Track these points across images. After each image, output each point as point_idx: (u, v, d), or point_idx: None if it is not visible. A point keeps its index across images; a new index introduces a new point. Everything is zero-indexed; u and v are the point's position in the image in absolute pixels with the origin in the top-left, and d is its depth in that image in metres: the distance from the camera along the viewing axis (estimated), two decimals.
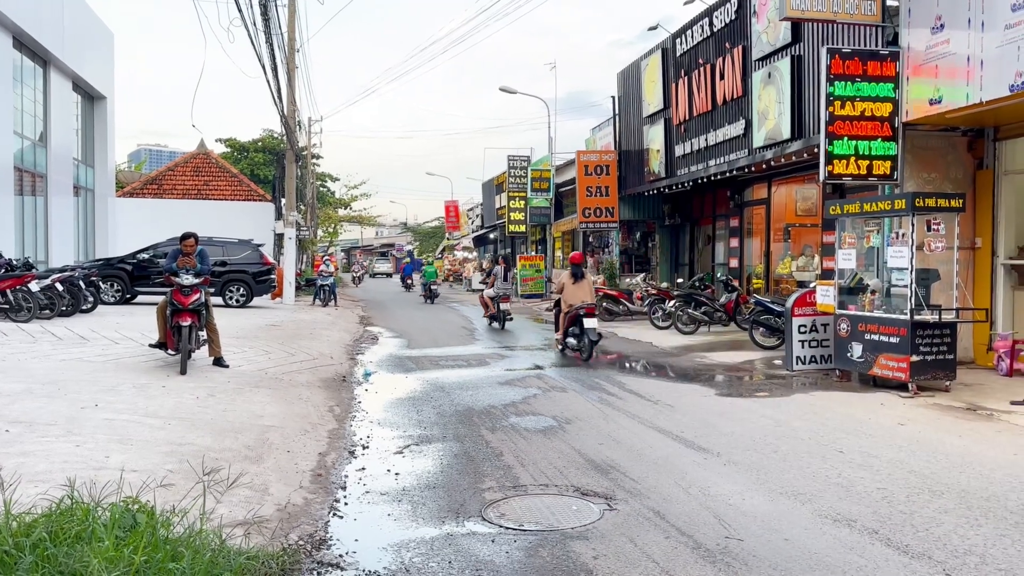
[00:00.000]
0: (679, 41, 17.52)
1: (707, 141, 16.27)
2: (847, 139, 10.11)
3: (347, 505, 5.06)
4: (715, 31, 15.84)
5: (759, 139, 14.17)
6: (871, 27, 10.62)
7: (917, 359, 8.58)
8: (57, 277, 13.87)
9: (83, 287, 14.61)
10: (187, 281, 9.02)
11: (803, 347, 10.34)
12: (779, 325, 12.14)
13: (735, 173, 15.70)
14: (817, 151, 10.66)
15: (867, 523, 4.62)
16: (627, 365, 11.76)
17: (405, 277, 40.24)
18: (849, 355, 9.48)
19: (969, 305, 9.79)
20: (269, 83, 19.35)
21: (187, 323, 8.87)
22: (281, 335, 13.45)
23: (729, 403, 8.50)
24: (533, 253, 30.14)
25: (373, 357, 12.64)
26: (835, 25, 11.46)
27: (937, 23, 9.39)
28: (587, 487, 5.38)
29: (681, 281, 18.72)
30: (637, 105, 20.32)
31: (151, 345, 9.72)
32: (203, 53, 19.07)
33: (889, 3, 10.27)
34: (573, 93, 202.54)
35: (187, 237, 9.49)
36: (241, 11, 16.14)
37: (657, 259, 22.13)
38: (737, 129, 15.02)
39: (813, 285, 10.81)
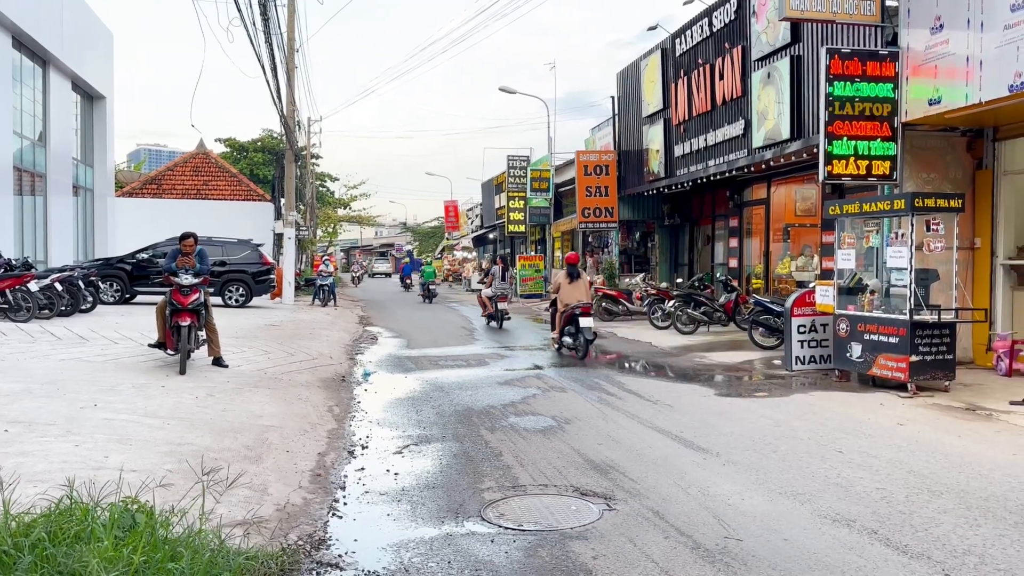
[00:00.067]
0: (678, 41, 17.52)
1: (706, 141, 16.28)
2: (846, 139, 10.11)
3: (346, 505, 5.06)
4: (714, 31, 15.84)
5: (758, 139, 14.18)
6: (870, 27, 10.63)
7: (916, 359, 8.59)
8: (56, 277, 13.87)
9: (82, 287, 14.60)
10: (186, 281, 9.02)
11: (802, 347, 10.36)
12: (778, 325, 12.15)
13: (734, 173, 15.71)
14: (816, 151, 10.67)
15: (866, 523, 4.62)
16: (626, 365, 11.76)
17: (404, 277, 40.43)
18: (848, 355, 9.49)
19: (968, 305, 9.79)
20: (268, 83, 19.36)
21: (186, 323, 8.87)
22: (280, 335, 13.45)
23: (728, 403, 8.50)
24: (532, 253, 30.16)
25: (372, 357, 12.64)
26: (834, 25, 11.47)
27: (936, 23, 9.39)
28: (586, 487, 5.38)
29: (680, 281, 18.73)
30: (636, 105, 20.32)
31: (150, 345, 9.72)
32: (202, 53, 19.02)
33: (888, 3, 10.27)
34: (573, 93, 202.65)
35: (186, 237, 9.50)
36: (240, 11, 16.12)
37: (656, 259, 22.14)
38: (736, 129, 15.03)
39: (812, 285, 10.82)
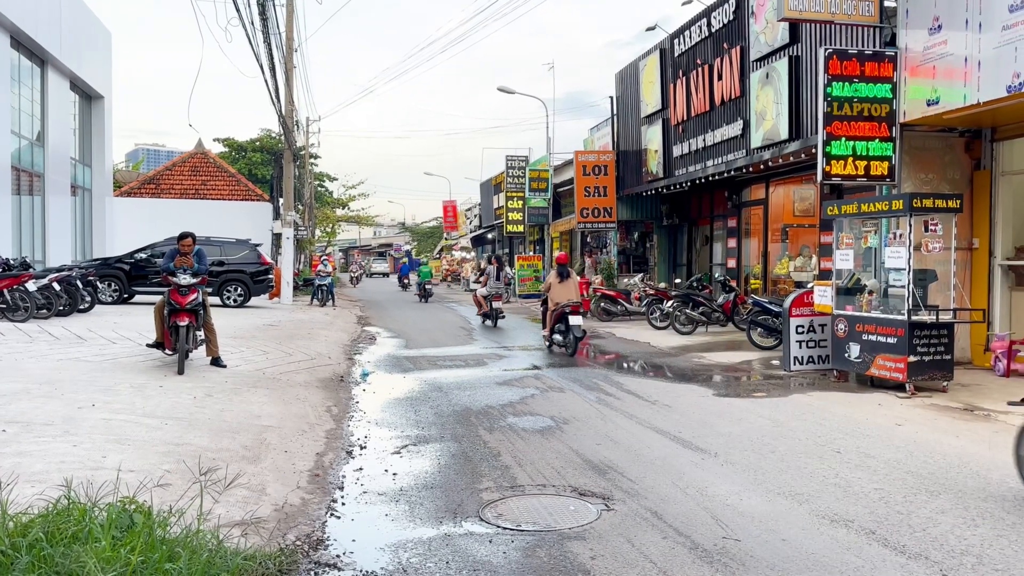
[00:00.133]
0: (677, 42, 17.53)
1: (705, 141, 16.28)
2: (845, 140, 10.12)
3: (344, 505, 5.05)
4: (713, 32, 15.85)
5: (757, 139, 14.19)
6: (869, 28, 10.64)
7: (914, 359, 8.59)
8: (54, 277, 13.85)
9: (80, 287, 14.59)
10: (184, 281, 9.01)
11: (800, 347, 10.36)
12: (777, 325, 12.16)
13: (733, 173, 15.72)
14: (815, 151, 10.67)
15: (864, 523, 4.62)
16: (625, 365, 11.77)
17: (402, 277, 40.55)
18: (847, 355, 9.49)
19: (966, 306, 9.81)
20: (267, 83, 19.36)
21: (184, 323, 8.86)
22: (279, 335, 13.44)
23: (727, 403, 8.50)
24: (531, 253, 30.15)
25: (371, 357, 12.63)
26: (833, 26, 11.48)
27: (935, 24, 9.40)
28: (585, 487, 5.38)
29: (679, 281, 18.74)
30: (635, 105, 20.33)
31: (148, 345, 9.71)
32: (200, 53, 19.00)
33: (887, 4, 10.28)
34: (571, 93, 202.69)
35: (184, 237, 9.49)
36: (239, 11, 16.12)
37: (655, 259, 22.14)
38: (735, 129, 15.04)
39: (811, 285, 10.83)
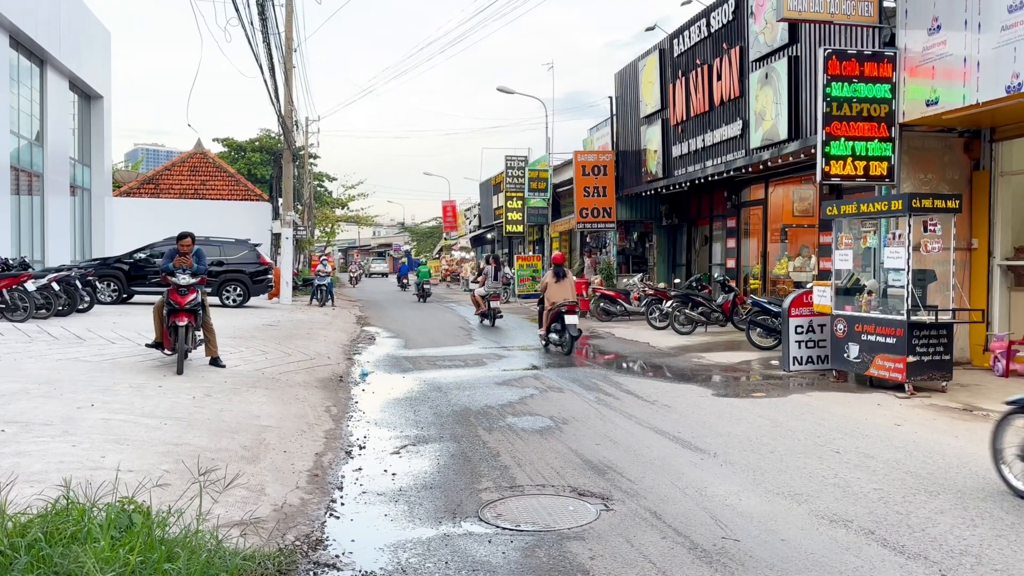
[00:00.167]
0: (676, 42, 17.53)
1: (704, 142, 16.29)
2: (844, 140, 10.12)
3: (344, 505, 5.05)
4: (712, 32, 15.86)
5: (756, 140, 14.19)
6: (868, 28, 10.64)
7: (914, 360, 8.59)
8: (53, 277, 13.85)
9: (79, 287, 14.59)
10: (184, 281, 9.01)
11: (800, 348, 10.37)
12: (776, 326, 12.16)
13: (732, 174, 15.72)
14: (814, 152, 10.68)
15: (864, 523, 4.62)
16: (624, 365, 11.77)
17: (401, 276, 40.64)
18: (846, 356, 9.50)
19: (965, 306, 9.81)
20: (266, 83, 19.36)
21: (184, 323, 8.85)
22: (278, 335, 13.43)
23: (726, 403, 8.51)
24: (531, 253, 30.16)
25: (370, 357, 12.63)
26: (832, 26, 11.49)
27: (934, 24, 9.40)
28: (584, 487, 5.38)
29: (678, 281, 18.74)
30: (634, 106, 20.33)
31: (148, 345, 9.71)
32: (199, 53, 19.02)
33: (886, 4, 10.28)
34: (571, 93, 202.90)
35: (184, 237, 9.49)
36: (238, 10, 16.12)
37: (654, 259, 22.14)
38: (734, 130, 15.04)
39: (810, 286, 10.83)
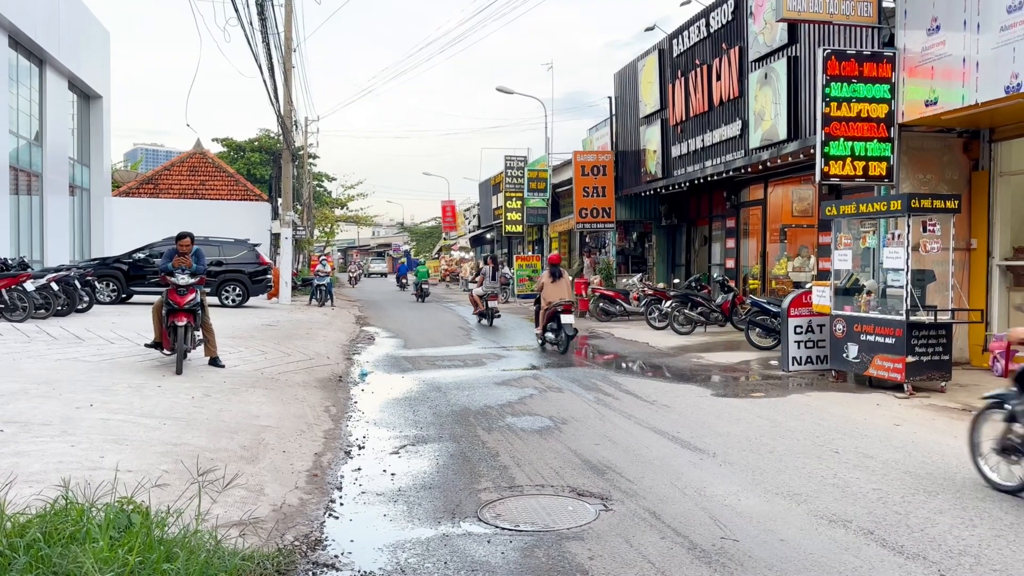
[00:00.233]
0: (676, 42, 17.53)
1: (703, 142, 16.29)
2: (843, 140, 10.12)
3: (343, 505, 5.05)
4: (712, 32, 15.86)
5: (755, 140, 14.19)
6: (867, 28, 10.64)
7: (913, 360, 8.60)
8: (53, 277, 13.84)
9: (79, 287, 14.58)
10: (183, 281, 9.01)
11: (799, 348, 10.37)
12: (775, 326, 12.17)
13: (731, 174, 15.72)
14: (813, 152, 10.68)
15: (862, 523, 4.63)
16: (623, 365, 11.77)
17: (400, 276, 40.77)
18: (845, 356, 9.50)
19: (964, 306, 9.82)
20: (265, 83, 19.34)
21: (183, 323, 8.85)
22: (277, 335, 13.43)
23: (725, 403, 8.51)
24: (530, 253, 30.16)
25: (369, 357, 12.63)
26: (831, 26, 11.49)
27: (933, 25, 9.41)
28: (583, 487, 5.38)
29: (678, 282, 18.74)
30: (634, 106, 20.33)
31: (147, 345, 9.70)
32: (198, 53, 18.97)
33: (885, 4, 10.29)
34: (570, 94, 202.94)
35: (183, 237, 9.49)
36: (237, 10, 16.09)
37: (654, 259, 22.14)
38: (733, 130, 15.04)
39: (809, 286, 10.83)
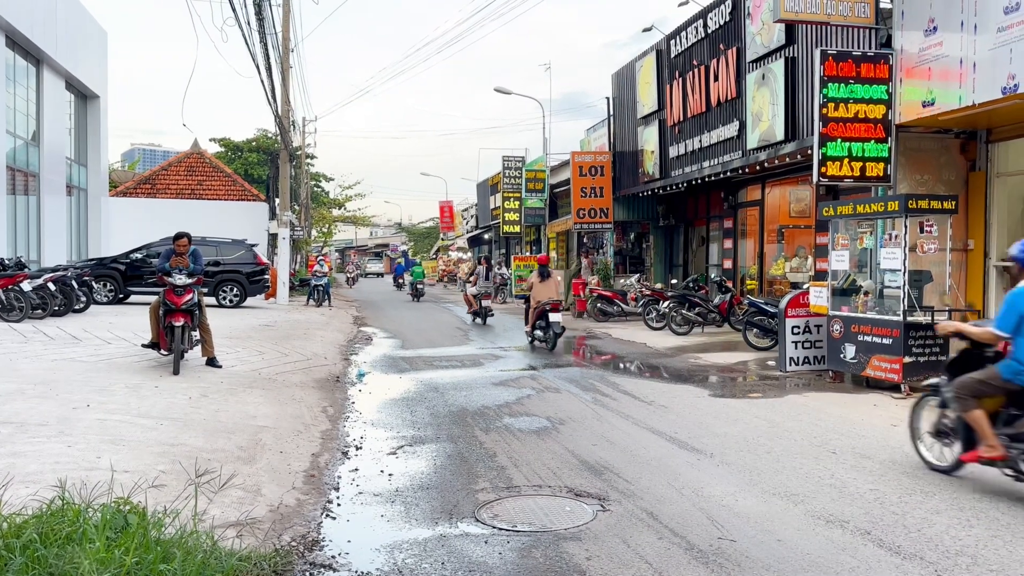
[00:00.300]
0: (673, 43, 17.54)
1: (701, 142, 16.29)
2: (840, 141, 10.14)
3: (340, 506, 5.05)
4: (709, 33, 15.86)
5: (753, 140, 14.20)
6: (865, 29, 10.65)
7: (910, 360, 8.61)
8: (49, 277, 13.82)
9: (76, 287, 14.55)
10: (180, 281, 9.00)
11: (796, 348, 10.38)
12: (772, 326, 12.18)
13: (729, 174, 15.72)
14: (811, 153, 10.68)
15: (860, 524, 4.63)
16: (621, 366, 11.77)
17: (397, 276, 40.88)
18: (842, 356, 9.51)
19: (962, 307, 9.82)
20: (263, 83, 19.31)
21: (180, 323, 8.84)
22: (275, 335, 13.42)
23: (723, 404, 8.51)
24: (528, 254, 30.16)
25: (367, 357, 12.62)
26: (829, 27, 11.49)
27: (930, 25, 9.42)
28: (580, 488, 5.38)
29: (675, 282, 18.74)
30: (631, 106, 20.33)
31: (144, 345, 9.69)
32: (195, 53, 18.98)
33: (882, 5, 10.31)
34: (568, 94, 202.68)
35: (180, 237, 9.47)
36: (235, 10, 16.07)
37: (651, 260, 22.14)
38: (731, 130, 15.05)
39: (806, 286, 10.85)
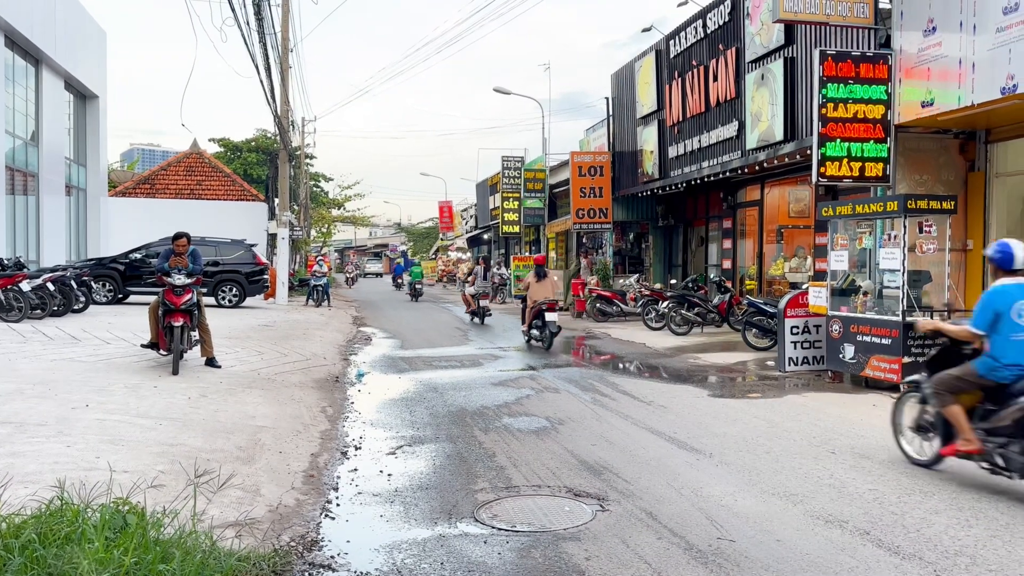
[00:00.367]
0: (673, 43, 17.54)
1: (700, 142, 16.30)
2: (840, 141, 10.14)
3: (339, 506, 5.05)
4: (708, 33, 15.86)
5: (752, 141, 14.21)
6: (864, 30, 10.66)
7: (909, 360, 8.60)
8: (48, 277, 13.81)
9: (75, 287, 14.55)
10: (179, 281, 9.00)
11: (795, 348, 10.38)
12: (772, 326, 12.18)
13: (728, 175, 15.73)
14: (810, 153, 10.69)
15: (859, 524, 4.63)
16: (620, 366, 11.77)
17: (396, 276, 40.97)
18: (841, 356, 9.51)
19: (960, 307, 9.82)
20: (262, 83, 19.29)
21: (179, 323, 8.84)
22: (274, 335, 13.42)
23: (722, 404, 8.51)
24: (527, 254, 30.16)
25: (366, 357, 12.62)
26: (828, 27, 11.49)
27: (929, 26, 9.43)
28: (580, 488, 5.38)
29: (674, 282, 18.75)
30: (631, 106, 20.33)
31: (143, 345, 9.69)
32: (194, 52, 18.98)
33: (882, 5, 10.31)
34: (568, 94, 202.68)
35: (179, 237, 9.47)
36: (234, 10, 16.06)
37: (651, 260, 22.15)
38: (730, 131, 15.05)
39: (805, 286, 10.85)
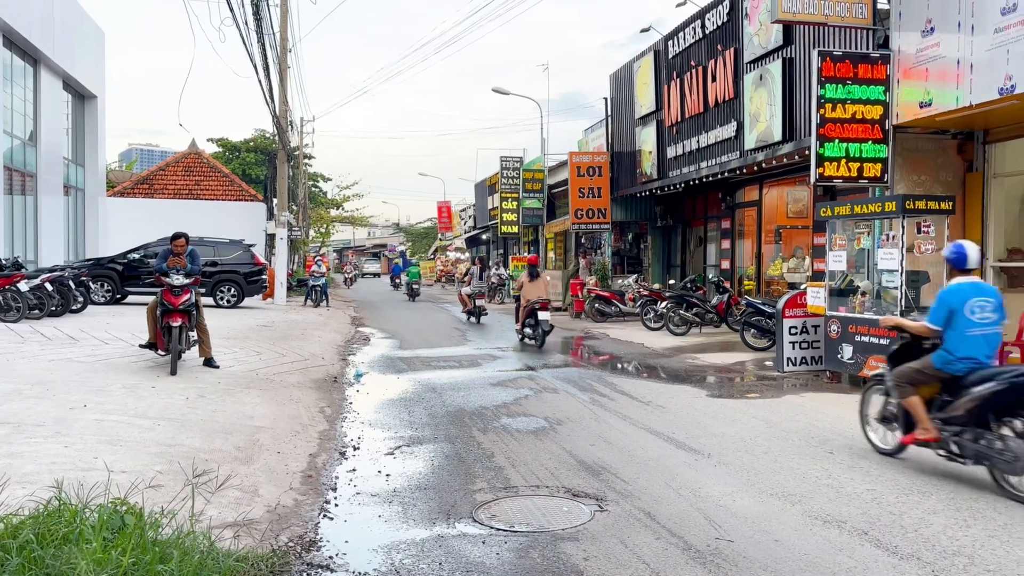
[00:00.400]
0: (671, 43, 17.55)
1: (699, 143, 16.30)
2: (838, 141, 10.14)
3: (337, 506, 5.04)
4: (707, 33, 15.87)
5: (751, 141, 14.21)
6: (862, 30, 10.66)
7: None
8: (47, 277, 13.80)
9: (73, 287, 14.53)
10: (177, 281, 8.99)
11: (794, 348, 10.39)
12: (770, 327, 12.19)
13: (727, 175, 15.73)
14: (808, 153, 10.69)
15: (857, 524, 4.63)
16: (619, 366, 11.78)
17: (394, 277, 41.05)
18: (839, 356, 9.52)
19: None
20: (261, 83, 19.26)
21: (177, 323, 8.83)
22: (272, 336, 13.41)
23: (720, 404, 8.52)
24: (525, 254, 30.17)
25: (364, 358, 12.62)
26: (826, 28, 11.50)
27: (927, 26, 9.43)
28: (578, 488, 5.38)
29: (673, 282, 18.75)
30: (629, 107, 20.34)
31: (141, 345, 9.68)
32: (192, 53, 18.94)
33: (880, 6, 10.31)
34: (566, 94, 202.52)
35: (178, 237, 9.46)
36: (232, 10, 16.04)
37: (649, 260, 22.16)
38: (729, 131, 15.06)
39: (804, 287, 10.86)
